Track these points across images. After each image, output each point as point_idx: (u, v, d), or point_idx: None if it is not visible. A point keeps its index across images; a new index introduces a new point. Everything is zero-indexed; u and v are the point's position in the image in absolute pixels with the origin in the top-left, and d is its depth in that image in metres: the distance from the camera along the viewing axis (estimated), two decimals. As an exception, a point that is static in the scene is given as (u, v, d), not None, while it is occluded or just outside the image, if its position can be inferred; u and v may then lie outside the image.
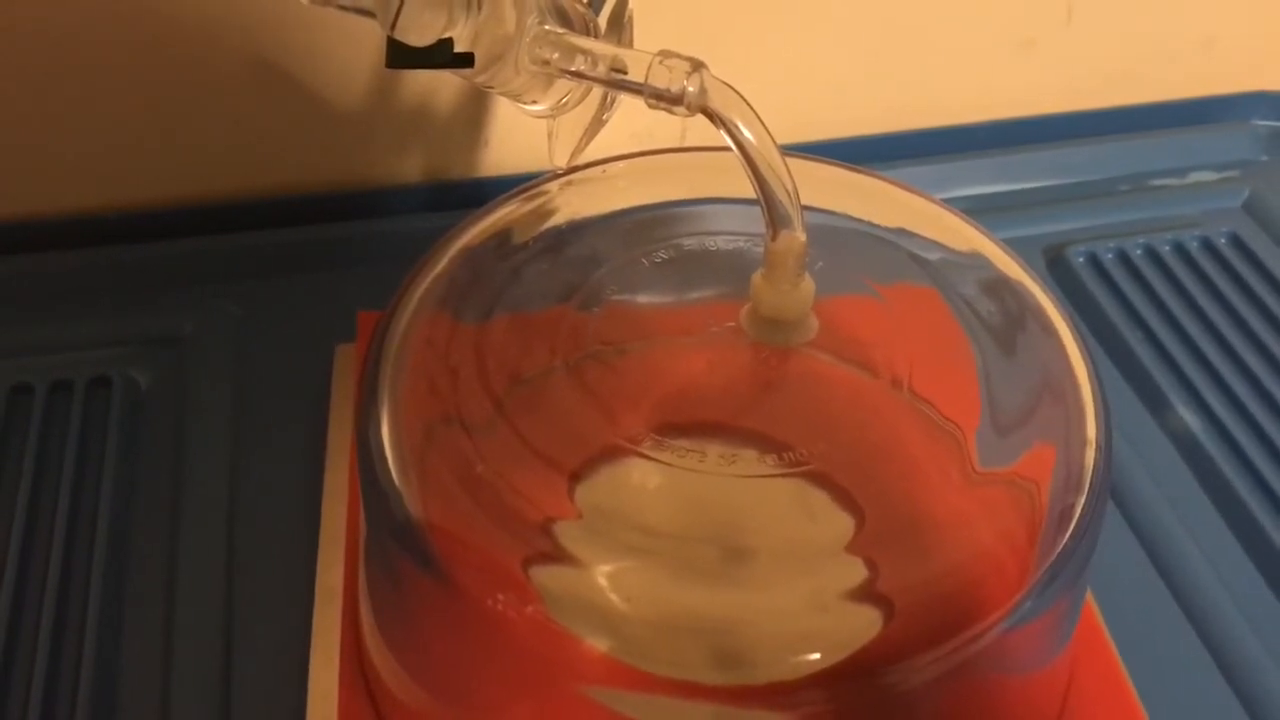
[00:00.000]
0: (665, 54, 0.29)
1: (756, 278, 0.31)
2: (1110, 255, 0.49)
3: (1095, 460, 0.29)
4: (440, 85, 0.49)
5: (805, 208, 0.30)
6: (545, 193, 0.36)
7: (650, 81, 0.29)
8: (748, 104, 0.29)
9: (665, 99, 0.29)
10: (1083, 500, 0.28)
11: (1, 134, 0.46)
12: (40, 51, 0.44)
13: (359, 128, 0.49)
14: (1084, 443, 0.29)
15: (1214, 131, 0.56)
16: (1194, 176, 0.54)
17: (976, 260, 0.35)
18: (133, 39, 0.44)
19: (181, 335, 0.45)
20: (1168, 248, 0.50)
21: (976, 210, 0.51)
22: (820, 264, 0.32)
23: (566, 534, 0.31)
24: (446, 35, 0.28)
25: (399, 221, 0.50)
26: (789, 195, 0.29)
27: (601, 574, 0.30)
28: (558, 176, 0.36)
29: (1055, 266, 0.49)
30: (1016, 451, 0.30)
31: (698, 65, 0.29)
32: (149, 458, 0.41)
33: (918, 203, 0.36)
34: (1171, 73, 0.56)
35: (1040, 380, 0.31)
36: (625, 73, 0.30)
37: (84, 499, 0.39)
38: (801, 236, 0.30)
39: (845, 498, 0.30)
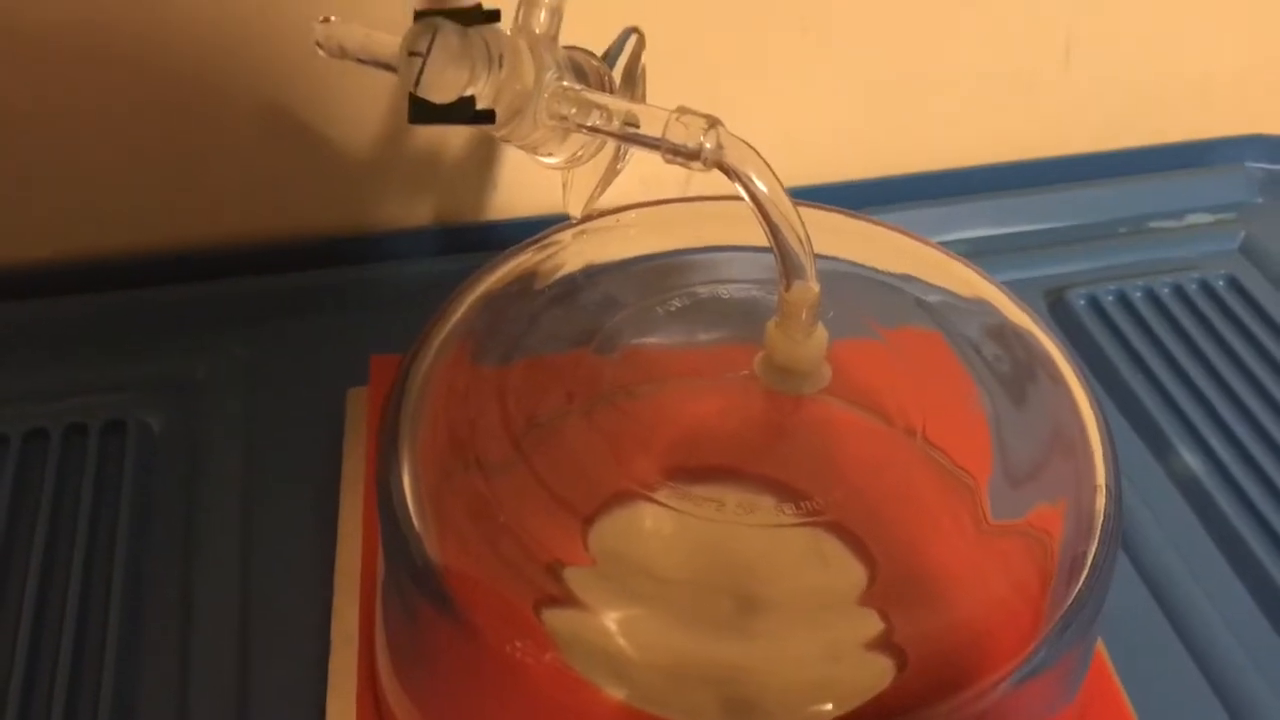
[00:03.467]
0: (682, 110, 0.29)
1: (770, 326, 0.32)
2: (1110, 298, 0.50)
3: (1106, 508, 0.29)
4: (451, 131, 0.49)
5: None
6: (560, 241, 0.36)
7: (668, 137, 0.29)
8: (761, 158, 0.30)
9: (682, 154, 0.29)
10: (1094, 549, 0.29)
11: (13, 177, 0.46)
12: (53, 94, 0.44)
13: (370, 172, 0.49)
14: (1094, 490, 0.30)
15: (1209, 174, 0.57)
16: (1190, 219, 0.55)
17: (982, 306, 0.35)
18: (147, 83, 0.45)
19: (194, 379, 0.45)
20: (1167, 290, 0.50)
21: (976, 253, 0.52)
22: (831, 313, 0.33)
23: (580, 580, 0.32)
24: (469, 93, 0.29)
25: (409, 265, 0.50)
26: (803, 246, 0.30)
27: (614, 620, 0.30)
28: (572, 225, 0.36)
29: (1056, 309, 0.50)
30: (1029, 502, 0.31)
31: (714, 122, 0.29)
32: (164, 502, 0.41)
33: (922, 249, 0.37)
34: (1167, 116, 0.57)
35: (1050, 430, 0.32)
36: (639, 127, 0.30)
37: (100, 543, 0.40)
38: (815, 287, 0.30)
39: (859, 547, 0.30)
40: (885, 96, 0.54)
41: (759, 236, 0.31)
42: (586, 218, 0.36)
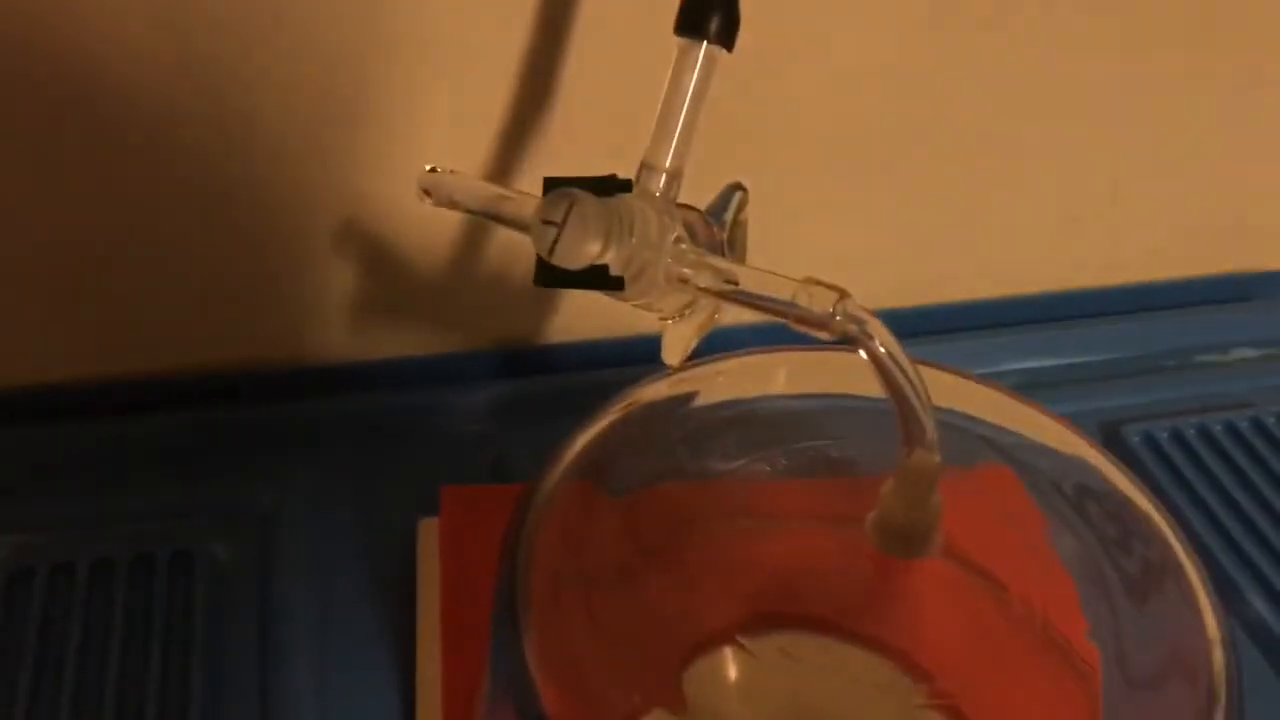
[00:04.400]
0: (809, 280, 0.30)
1: (886, 489, 0.32)
2: (1165, 434, 0.50)
3: None
4: (515, 255, 0.50)
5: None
6: (685, 379, 0.37)
7: (798, 304, 0.30)
8: (887, 329, 0.30)
9: (811, 322, 0.30)
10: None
11: (79, 293, 0.46)
12: (120, 207, 0.44)
13: (434, 296, 0.50)
14: (1213, 701, 0.29)
15: (1252, 308, 0.58)
16: (1236, 353, 0.56)
17: (1081, 468, 0.35)
18: (224, 207, 0.45)
19: (260, 507, 0.45)
20: (1220, 427, 0.51)
21: (1029, 385, 0.53)
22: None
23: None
24: (601, 262, 0.29)
25: (471, 390, 0.50)
26: (926, 416, 0.30)
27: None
28: (672, 372, 0.36)
29: (1112, 444, 0.50)
30: (1145, 711, 0.30)
31: (843, 294, 0.30)
32: (235, 632, 0.41)
33: (1022, 409, 0.37)
34: (1209, 251, 0.58)
35: (1173, 644, 0.30)
36: (738, 284, 0.31)
37: (174, 674, 0.39)
38: (937, 457, 0.31)
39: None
40: (937, 226, 0.54)
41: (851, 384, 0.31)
42: (683, 365, 0.37)
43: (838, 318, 0.29)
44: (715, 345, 0.37)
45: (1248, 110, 0.54)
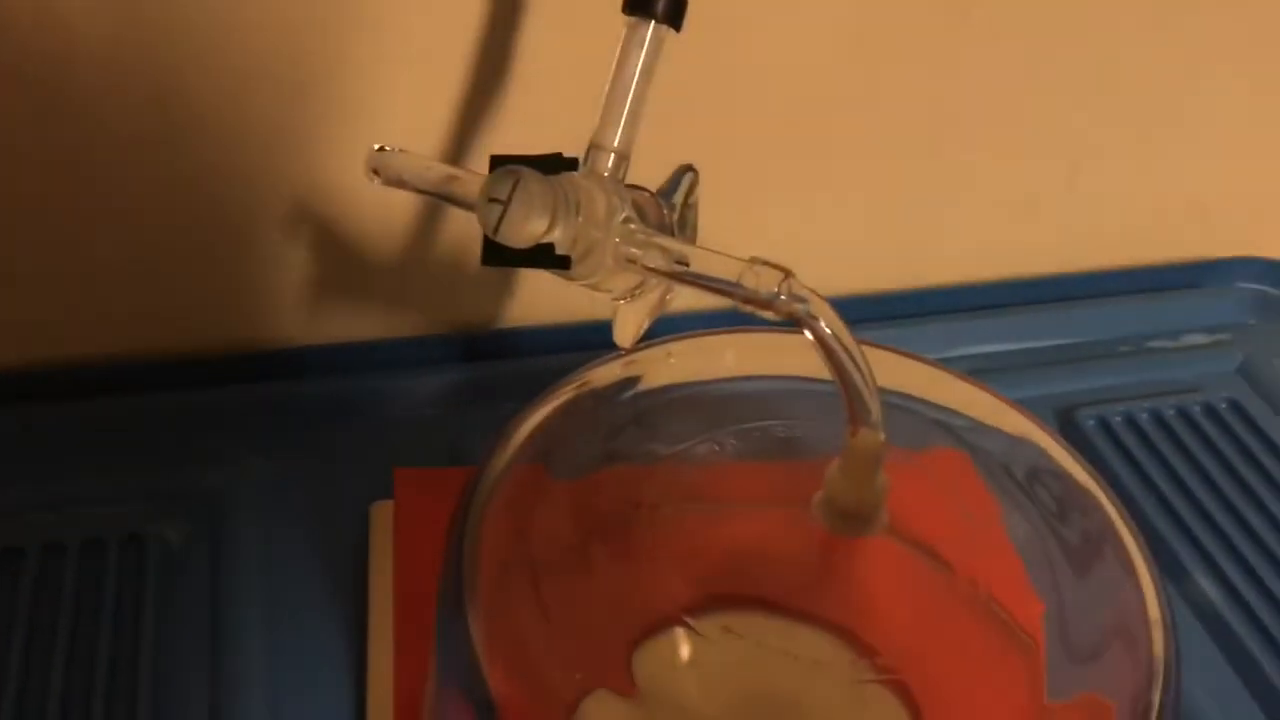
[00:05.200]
0: (755, 260, 0.30)
1: (832, 469, 0.32)
2: (1119, 419, 0.51)
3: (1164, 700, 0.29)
4: (472, 239, 0.49)
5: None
6: (635, 361, 0.37)
7: (743, 284, 0.30)
8: (833, 310, 0.30)
9: (755, 302, 0.30)
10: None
11: (25, 276, 0.46)
12: (65, 189, 0.44)
13: (389, 280, 0.49)
14: (1152, 679, 0.29)
15: (1203, 295, 0.59)
16: (1187, 339, 0.56)
17: (1031, 451, 0.35)
18: (173, 184, 0.45)
19: (213, 491, 0.44)
20: (1172, 412, 0.51)
21: (985, 370, 0.53)
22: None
23: (618, 713, 0.32)
24: (547, 240, 0.29)
25: (427, 374, 0.50)
26: (871, 395, 0.30)
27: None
28: (624, 354, 0.36)
29: (1067, 430, 0.51)
30: (1084, 682, 0.31)
31: (788, 274, 0.30)
32: (186, 617, 0.40)
33: (974, 392, 0.37)
34: (1163, 238, 0.59)
35: (1113, 615, 0.31)
36: (688, 265, 0.31)
37: (123, 661, 0.39)
38: (881, 436, 0.31)
39: (911, 705, 0.30)
40: (893, 213, 0.55)
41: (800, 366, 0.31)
42: (635, 348, 0.36)
43: (782, 297, 0.29)
44: (672, 328, 0.37)
45: (1201, 101, 0.55)
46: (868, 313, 0.55)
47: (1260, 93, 0.55)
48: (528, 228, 0.29)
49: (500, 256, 0.30)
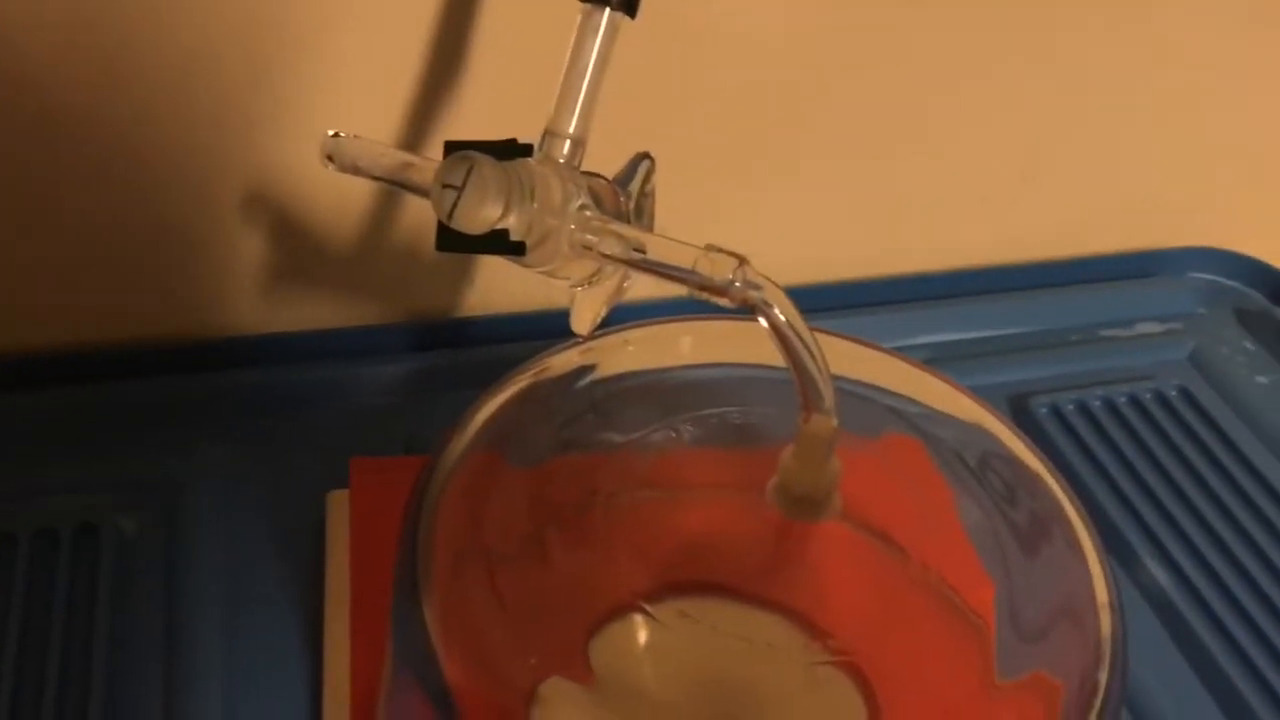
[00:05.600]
0: (710, 248, 0.30)
1: (786, 455, 0.32)
2: (1071, 406, 0.51)
3: (1110, 683, 0.29)
4: (429, 226, 0.49)
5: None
6: (593, 349, 0.37)
7: (698, 271, 0.30)
8: (786, 296, 0.30)
9: (710, 289, 0.30)
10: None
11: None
12: (20, 179, 0.43)
13: (345, 268, 0.49)
14: (1098, 661, 0.30)
15: (1155, 285, 0.59)
16: (1140, 328, 0.57)
17: (982, 437, 0.36)
18: (127, 171, 0.44)
19: (168, 481, 0.44)
20: (1123, 399, 0.52)
21: (940, 359, 0.54)
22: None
23: (575, 699, 0.32)
24: (501, 226, 0.29)
25: (384, 362, 0.50)
26: (824, 381, 0.31)
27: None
28: (581, 341, 0.37)
29: (1020, 417, 0.51)
30: (1034, 661, 0.31)
31: (742, 260, 0.30)
32: (141, 608, 0.40)
33: (928, 380, 0.37)
34: (1116, 228, 0.60)
35: (1061, 595, 0.31)
36: (644, 252, 0.31)
37: (75, 652, 0.38)
38: (834, 421, 0.31)
39: (865, 687, 0.31)
40: (850, 204, 0.55)
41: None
42: (592, 335, 0.37)
43: (737, 284, 0.30)
44: (630, 316, 0.37)
45: (1152, 96, 0.56)
46: (825, 302, 0.55)
47: (1208, 88, 0.56)
48: (482, 213, 0.29)
49: (455, 242, 0.30)
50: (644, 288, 0.36)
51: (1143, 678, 0.41)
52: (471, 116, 0.45)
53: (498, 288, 0.52)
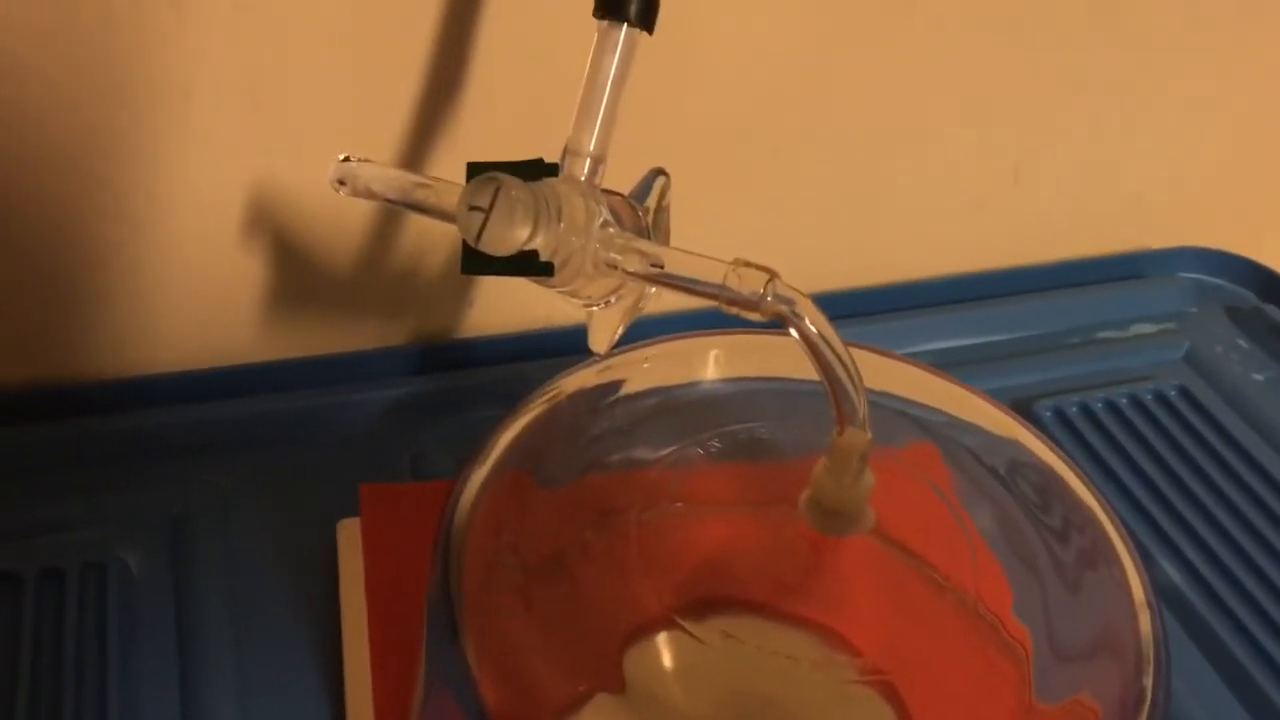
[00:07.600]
0: (739, 262, 0.30)
1: (818, 468, 0.32)
2: (1074, 409, 0.52)
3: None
4: (428, 248, 0.49)
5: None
6: (612, 367, 0.36)
7: (728, 286, 0.30)
8: (818, 308, 0.30)
9: (741, 304, 0.30)
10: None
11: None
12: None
13: (345, 292, 0.49)
14: (1140, 697, 0.30)
15: (1147, 285, 0.60)
16: (1135, 329, 0.57)
17: (1010, 445, 0.36)
18: (110, 199, 0.43)
19: (173, 514, 0.43)
20: (1125, 401, 0.52)
21: (941, 365, 0.53)
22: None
23: (608, 711, 0.32)
24: (530, 247, 0.29)
25: (386, 387, 0.49)
26: (858, 394, 0.30)
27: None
28: (599, 361, 0.36)
29: (1026, 421, 0.51)
30: (1074, 686, 0.31)
31: (773, 274, 0.30)
32: (151, 644, 0.39)
33: (952, 389, 0.37)
34: (1107, 230, 0.60)
35: (1102, 623, 0.31)
36: (663, 268, 0.31)
37: (88, 690, 0.38)
38: (868, 435, 0.31)
39: (901, 710, 0.31)
40: (845, 212, 0.55)
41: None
42: (610, 354, 0.36)
43: (768, 299, 0.29)
44: (643, 333, 0.37)
45: (1139, 99, 0.56)
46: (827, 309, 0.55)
47: (1194, 92, 0.57)
48: (511, 235, 0.28)
49: (481, 265, 0.29)
50: (652, 303, 0.36)
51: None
52: (481, 137, 0.45)
53: (496, 308, 0.52)
